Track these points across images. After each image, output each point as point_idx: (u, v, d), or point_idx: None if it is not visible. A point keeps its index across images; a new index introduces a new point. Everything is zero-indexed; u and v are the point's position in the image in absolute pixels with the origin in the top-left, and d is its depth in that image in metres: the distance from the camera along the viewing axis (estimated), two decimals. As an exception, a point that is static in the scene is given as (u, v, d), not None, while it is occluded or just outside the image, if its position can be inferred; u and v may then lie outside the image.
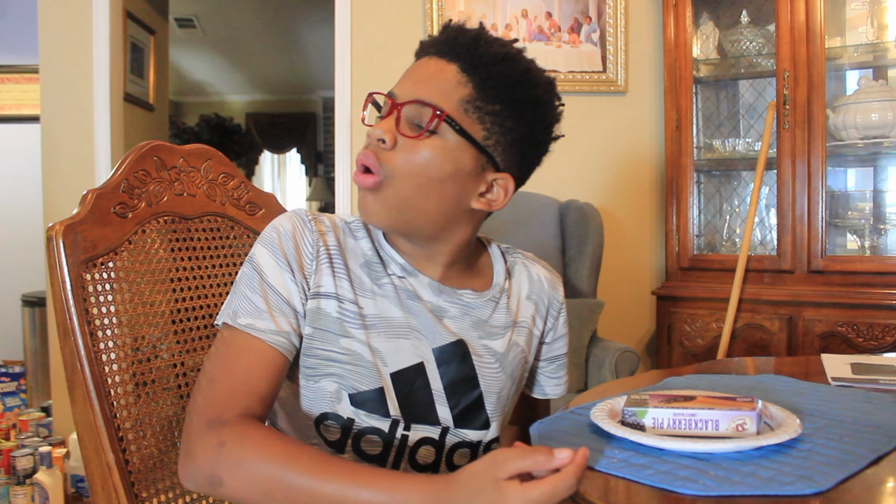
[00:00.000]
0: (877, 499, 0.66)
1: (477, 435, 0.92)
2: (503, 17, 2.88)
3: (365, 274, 0.90)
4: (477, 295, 0.94)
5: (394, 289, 0.90)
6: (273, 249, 0.86)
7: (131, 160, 1.02)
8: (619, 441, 0.74)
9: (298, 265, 0.86)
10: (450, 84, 0.85)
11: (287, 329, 0.84)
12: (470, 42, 0.86)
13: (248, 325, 0.83)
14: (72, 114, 2.90)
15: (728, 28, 2.70)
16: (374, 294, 0.89)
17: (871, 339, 2.22)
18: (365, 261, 0.91)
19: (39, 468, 2.54)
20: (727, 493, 0.62)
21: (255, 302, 0.84)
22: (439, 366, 0.89)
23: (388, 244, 0.92)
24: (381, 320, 0.88)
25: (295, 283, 0.86)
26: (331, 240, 0.89)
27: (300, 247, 0.87)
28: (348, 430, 0.87)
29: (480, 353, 0.92)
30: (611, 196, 2.91)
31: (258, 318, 0.83)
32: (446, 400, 0.90)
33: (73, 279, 0.92)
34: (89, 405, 0.91)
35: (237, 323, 0.83)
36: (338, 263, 0.88)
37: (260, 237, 0.88)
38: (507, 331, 0.96)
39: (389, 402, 0.87)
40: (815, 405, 0.88)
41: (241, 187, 1.16)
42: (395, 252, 0.91)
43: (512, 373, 0.96)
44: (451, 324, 0.91)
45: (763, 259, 2.47)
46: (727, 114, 2.80)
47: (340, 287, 0.87)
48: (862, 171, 2.65)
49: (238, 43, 5.94)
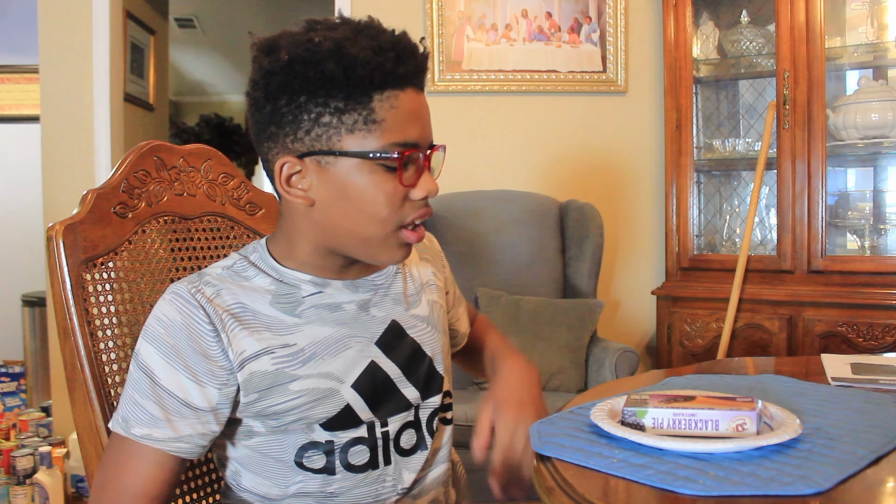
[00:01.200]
0: (877, 499, 0.66)
1: (438, 399, 0.96)
2: (503, 17, 2.88)
3: (279, 311, 0.85)
4: (383, 274, 0.94)
5: (315, 310, 0.86)
6: (161, 346, 0.80)
7: (131, 160, 1.02)
8: (618, 441, 0.74)
9: (201, 354, 0.80)
10: None
11: (189, 432, 0.80)
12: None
13: (144, 436, 0.79)
14: (72, 114, 2.89)
15: (728, 28, 2.70)
16: (298, 325, 0.85)
17: (871, 339, 2.22)
18: (272, 297, 0.85)
19: (39, 468, 2.54)
20: (727, 494, 0.62)
21: (149, 409, 0.79)
22: (387, 354, 0.90)
23: (284, 268, 0.87)
24: (317, 345, 0.85)
25: (192, 381, 0.80)
26: (227, 299, 0.83)
27: (195, 333, 0.80)
28: (331, 452, 0.87)
29: (413, 324, 0.94)
30: (611, 196, 2.91)
31: (154, 426, 0.79)
32: (407, 381, 0.91)
33: (73, 279, 0.92)
34: (89, 405, 0.91)
35: (131, 433, 0.79)
36: (248, 318, 0.83)
37: (144, 331, 0.81)
38: (420, 294, 0.97)
39: (359, 411, 0.87)
40: (815, 405, 0.88)
41: (241, 187, 1.16)
42: (297, 272, 0.87)
43: (442, 328, 0.99)
44: (377, 311, 0.91)
45: (763, 259, 2.47)
46: (727, 114, 2.80)
47: (263, 339, 0.82)
48: (862, 171, 2.65)
49: (238, 43, 5.94)
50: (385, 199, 0.80)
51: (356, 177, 0.80)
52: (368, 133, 0.79)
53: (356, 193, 0.80)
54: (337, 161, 0.80)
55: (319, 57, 0.76)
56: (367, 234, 0.82)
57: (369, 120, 0.78)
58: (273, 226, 1.19)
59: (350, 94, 0.77)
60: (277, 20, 5.43)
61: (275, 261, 0.88)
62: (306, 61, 0.77)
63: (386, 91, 0.78)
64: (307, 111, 0.79)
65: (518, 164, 2.91)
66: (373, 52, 0.77)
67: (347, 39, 0.77)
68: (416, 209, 0.83)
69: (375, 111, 0.78)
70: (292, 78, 0.78)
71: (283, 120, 0.80)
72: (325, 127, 0.79)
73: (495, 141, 2.90)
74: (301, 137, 0.80)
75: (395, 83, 0.79)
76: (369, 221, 0.81)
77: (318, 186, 0.81)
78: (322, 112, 0.78)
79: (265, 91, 0.80)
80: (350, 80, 0.77)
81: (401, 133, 0.79)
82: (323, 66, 0.76)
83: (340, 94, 0.77)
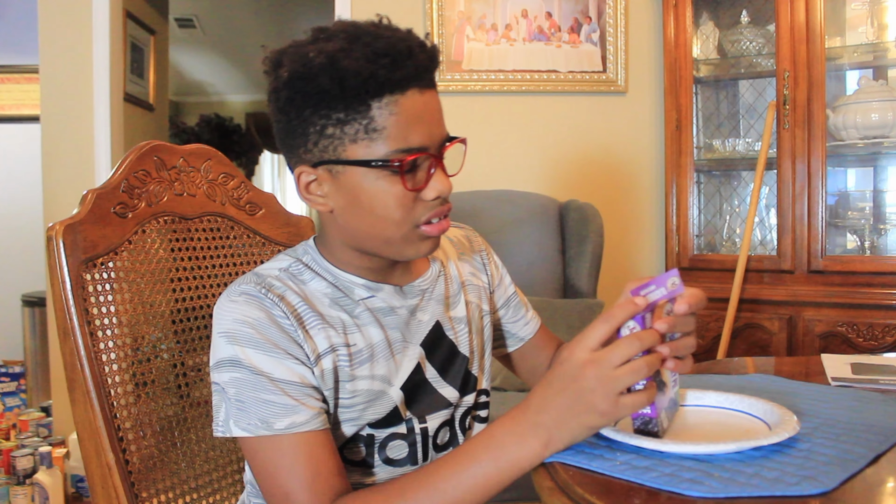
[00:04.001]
0: (877, 499, 0.66)
1: (472, 397, 0.97)
2: (503, 17, 2.88)
3: (338, 311, 0.86)
4: (427, 279, 0.95)
5: (370, 313, 0.88)
6: (260, 345, 0.79)
7: (131, 160, 1.02)
8: (618, 444, 0.74)
9: (292, 343, 0.81)
10: None
11: (321, 406, 0.81)
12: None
13: (288, 426, 0.78)
14: (72, 114, 2.89)
15: (728, 28, 2.70)
16: (357, 327, 0.86)
17: (871, 339, 2.22)
18: (329, 300, 0.86)
19: (39, 468, 2.54)
20: (734, 495, 0.62)
21: (279, 401, 0.78)
22: (429, 354, 0.92)
23: (340, 270, 0.88)
24: (373, 347, 0.87)
25: (300, 364, 0.81)
26: (292, 299, 0.83)
27: (282, 326, 0.81)
28: (371, 444, 0.88)
29: (451, 325, 0.95)
30: (611, 196, 2.91)
31: (294, 413, 0.78)
32: (445, 381, 0.93)
33: (73, 279, 0.92)
34: (89, 405, 0.91)
35: (274, 429, 0.78)
36: (314, 317, 0.84)
37: (230, 336, 0.80)
38: (459, 294, 0.99)
39: (403, 410, 0.89)
40: (809, 404, 0.88)
41: (241, 187, 1.16)
42: (351, 276, 0.88)
43: (476, 328, 1.00)
44: (423, 315, 0.93)
45: (763, 259, 2.47)
46: (727, 114, 2.80)
47: (330, 338, 0.84)
48: (862, 171, 2.65)
49: (238, 43, 5.94)
50: (395, 202, 0.81)
51: (365, 183, 0.81)
52: (371, 141, 0.79)
53: (367, 199, 0.82)
54: (345, 169, 0.81)
55: (314, 72, 0.77)
56: (386, 236, 0.83)
57: (370, 128, 0.79)
58: (273, 226, 1.19)
59: (348, 105, 0.78)
60: (277, 20, 5.43)
61: (328, 262, 0.89)
62: (303, 77, 0.78)
63: (384, 98, 0.78)
64: (312, 124, 0.80)
65: (518, 164, 2.91)
66: (366, 61, 0.76)
67: (342, 51, 0.77)
68: (430, 209, 0.83)
69: (375, 119, 0.79)
70: (294, 93, 0.80)
71: (295, 132, 0.82)
72: (329, 138, 0.80)
73: (495, 141, 2.90)
74: (311, 149, 0.82)
75: (393, 88, 0.78)
76: (385, 224, 0.82)
77: (334, 194, 0.84)
78: (326, 124, 0.80)
79: (276, 105, 0.83)
80: (346, 93, 0.77)
81: (403, 139, 0.79)
82: (318, 81, 0.77)
83: (340, 106, 0.78)
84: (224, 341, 0.80)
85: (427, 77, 0.83)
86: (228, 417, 0.80)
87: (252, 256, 1.17)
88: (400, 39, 0.80)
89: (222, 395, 0.81)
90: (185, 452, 1.03)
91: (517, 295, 1.11)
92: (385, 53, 0.77)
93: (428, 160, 0.82)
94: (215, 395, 0.82)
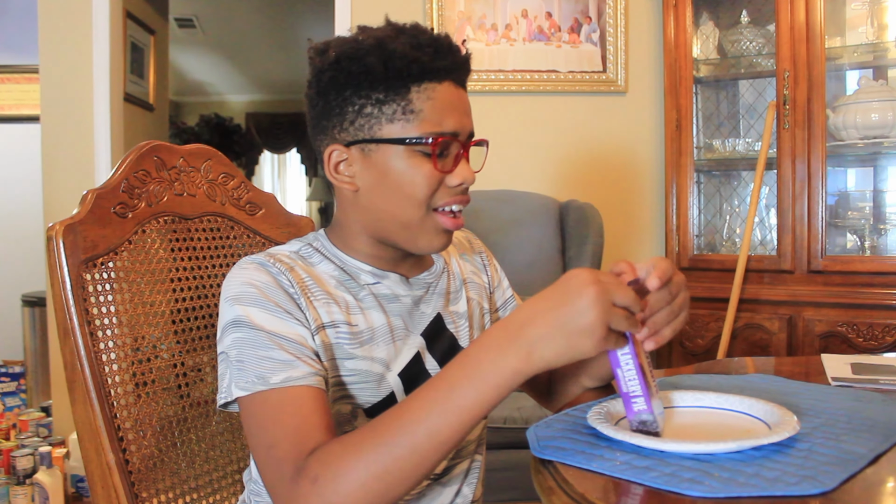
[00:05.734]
0: (877, 499, 0.66)
1: None
2: (503, 17, 2.88)
3: (344, 292, 0.89)
4: (433, 273, 0.98)
5: (374, 298, 0.90)
6: (264, 304, 0.81)
7: (131, 160, 1.02)
8: (618, 444, 0.74)
9: (295, 308, 0.83)
10: None
11: (318, 368, 0.81)
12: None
13: (284, 381, 0.77)
14: (72, 114, 2.89)
15: (728, 28, 2.70)
16: (360, 309, 0.89)
17: (871, 339, 2.22)
18: (336, 281, 0.89)
19: (39, 468, 2.54)
20: (734, 495, 0.61)
21: (277, 357, 0.79)
22: (429, 346, 0.93)
23: (349, 256, 0.92)
24: (374, 330, 0.89)
25: (301, 326, 0.82)
26: (301, 273, 0.87)
27: (287, 292, 0.83)
28: None
29: (452, 319, 0.97)
30: (611, 196, 2.91)
31: (291, 368, 0.78)
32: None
33: (73, 279, 0.92)
34: (89, 405, 0.91)
35: (270, 384, 0.77)
36: (318, 292, 0.86)
37: (236, 297, 0.82)
38: (461, 291, 1.01)
39: (400, 398, 0.89)
40: (809, 404, 0.88)
41: (241, 187, 1.16)
42: (359, 262, 0.91)
43: (477, 324, 1.02)
44: (426, 307, 0.95)
45: (763, 259, 2.47)
46: (727, 114, 2.80)
47: (332, 313, 0.86)
48: (862, 171, 2.65)
49: (238, 43, 5.94)
50: (423, 180, 0.85)
51: (396, 161, 0.85)
52: (407, 122, 0.84)
53: (395, 176, 0.86)
54: (378, 148, 0.86)
55: (362, 53, 0.84)
56: (407, 217, 0.87)
57: (407, 110, 0.84)
58: (273, 226, 1.19)
59: (389, 86, 0.84)
60: (277, 20, 5.43)
61: (337, 249, 0.92)
62: (350, 57, 0.84)
63: (423, 83, 0.84)
64: (352, 103, 0.86)
65: (518, 164, 2.91)
66: (411, 48, 0.83)
67: (388, 37, 0.84)
68: (452, 194, 0.88)
69: (413, 102, 0.84)
70: (339, 73, 0.85)
71: (332, 112, 0.87)
72: (367, 117, 0.85)
73: (495, 141, 2.89)
74: (346, 128, 0.87)
75: (432, 76, 0.85)
76: (408, 203, 0.86)
77: (362, 172, 0.87)
78: (365, 104, 0.85)
79: (317, 88, 0.88)
80: (389, 73, 0.83)
81: (437, 123, 0.85)
82: (365, 61, 0.83)
83: (381, 87, 0.84)
84: (229, 305, 0.82)
85: (463, 75, 0.89)
86: (231, 382, 0.80)
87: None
88: (442, 37, 0.87)
89: (227, 361, 0.81)
90: (185, 452, 1.03)
91: (514, 299, 1.12)
92: (429, 44, 0.85)
93: (457, 146, 0.87)
94: (221, 365, 0.83)
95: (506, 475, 1.88)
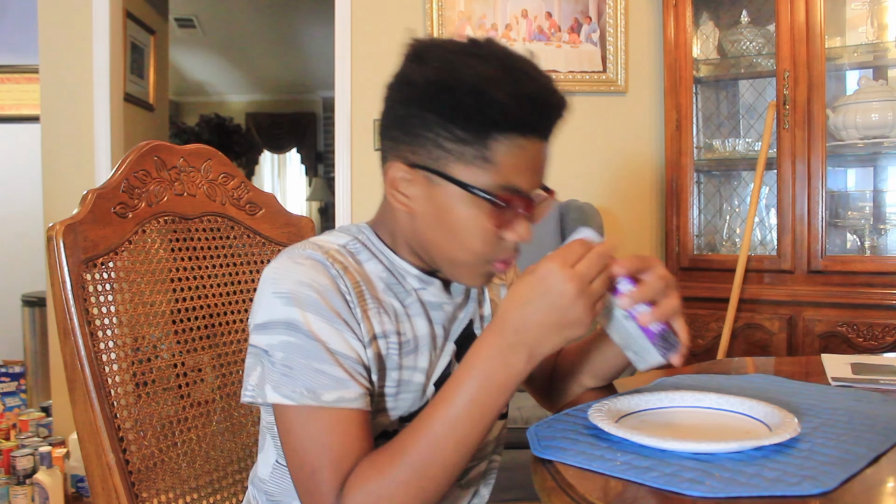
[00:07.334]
0: (877, 499, 0.66)
1: None
2: (503, 17, 2.88)
3: (392, 298, 0.86)
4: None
5: (420, 305, 0.88)
6: (322, 312, 0.78)
7: (131, 160, 1.02)
8: (619, 443, 0.74)
9: (352, 317, 0.80)
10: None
11: (368, 387, 0.80)
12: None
13: (336, 400, 0.76)
14: (72, 114, 2.89)
15: (728, 28, 2.70)
16: (407, 317, 0.86)
17: (871, 339, 2.22)
18: (384, 284, 0.86)
19: (39, 468, 2.54)
20: (735, 495, 0.62)
21: (332, 373, 0.77)
22: (458, 352, 0.92)
23: (396, 255, 0.88)
24: (419, 339, 0.87)
25: (357, 340, 0.80)
26: (355, 276, 0.83)
27: (345, 298, 0.80)
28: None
29: (480, 324, 0.97)
30: (611, 196, 2.91)
31: (344, 388, 0.77)
32: None
33: (73, 279, 0.92)
34: (89, 405, 0.91)
35: (321, 401, 0.76)
36: (370, 300, 0.83)
37: (292, 296, 0.78)
38: (486, 293, 1.00)
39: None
40: (809, 405, 0.88)
41: (241, 187, 1.16)
42: (406, 264, 0.88)
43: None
44: (463, 313, 0.94)
45: (763, 259, 2.47)
46: (727, 114, 2.80)
47: (383, 323, 0.83)
48: (862, 171, 2.65)
49: (238, 43, 5.94)
50: (480, 234, 0.82)
51: (458, 205, 0.81)
52: (480, 169, 0.79)
53: (454, 220, 0.82)
54: (445, 184, 0.81)
55: (460, 88, 0.78)
56: (455, 257, 0.84)
57: (486, 158, 0.79)
58: (273, 226, 1.19)
59: (476, 130, 0.78)
60: (277, 20, 5.43)
61: (384, 244, 0.89)
62: (448, 87, 0.78)
63: (510, 135, 0.79)
64: (432, 131, 0.80)
65: (518, 164, 2.90)
66: (511, 98, 0.77)
67: (491, 78, 0.77)
68: (505, 251, 0.85)
69: (492, 150, 0.79)
70: (428, 96, 0.80)
71: (408, 129, 0.82)
72: (443, 150, 0.80)
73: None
74: (419, 151, 0.81)
75: (520, 130, 0.79)
76: (460, 249, 0.83)
77: (422, 200, 0.83)
78: (446, 137, 0.80)
79: (401, 95, 0.83)
80: (479, 118, 0.78)
81: (510, 179, 0.80)
82: (461, 98, 0.78)
83: (466, 127, 0.79)
84: (281, 302, 0.78)
85: (550, 132, 0.84)
86: (265, 381, 0.78)
87: (252, 256, 1.17)
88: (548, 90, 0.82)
89: (263, 357, 0.79)
90: (185, 452, 1.03)
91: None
92: (532, 98, 0.79)
93: (523, 204, 0.82)
94: (251, 358, 0.80)
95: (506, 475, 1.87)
